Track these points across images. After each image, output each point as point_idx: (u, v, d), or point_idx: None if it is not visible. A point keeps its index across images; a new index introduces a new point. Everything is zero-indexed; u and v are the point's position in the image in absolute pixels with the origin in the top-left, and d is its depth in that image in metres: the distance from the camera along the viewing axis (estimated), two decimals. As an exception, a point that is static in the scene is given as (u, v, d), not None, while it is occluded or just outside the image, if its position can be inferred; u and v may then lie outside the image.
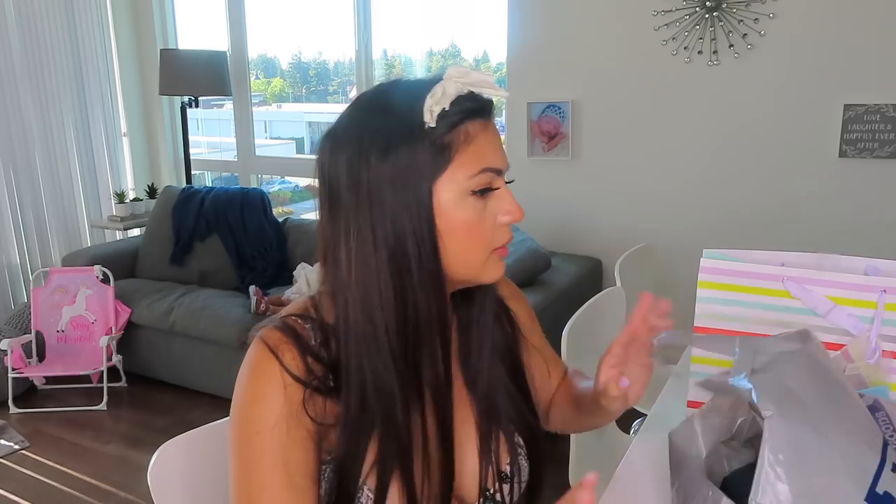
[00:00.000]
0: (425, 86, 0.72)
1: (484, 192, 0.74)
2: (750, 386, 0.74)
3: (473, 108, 0.73)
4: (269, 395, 0.73)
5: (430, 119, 0.70)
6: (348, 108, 0.77)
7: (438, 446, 0.77)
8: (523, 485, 0.86)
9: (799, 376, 0.75)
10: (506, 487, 0.84)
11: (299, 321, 0.77)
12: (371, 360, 0.74)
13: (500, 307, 0.90)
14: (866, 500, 0.67)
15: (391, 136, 0.72)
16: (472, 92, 0.73)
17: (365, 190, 0.72)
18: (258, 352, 0.75)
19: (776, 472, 0.68)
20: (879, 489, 0.67)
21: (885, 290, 0.92)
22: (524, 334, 0.94)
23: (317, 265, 0.80)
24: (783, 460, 0.68)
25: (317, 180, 0.77)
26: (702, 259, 1.02)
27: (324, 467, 0.76)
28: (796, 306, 0.97)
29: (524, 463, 0.85)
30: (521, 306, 0.97)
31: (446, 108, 0.71)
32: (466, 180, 0.72)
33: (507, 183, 0.78)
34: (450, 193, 0.72)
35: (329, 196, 0.75)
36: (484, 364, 0.85)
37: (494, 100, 0.76)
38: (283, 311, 0.80)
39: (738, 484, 0.79)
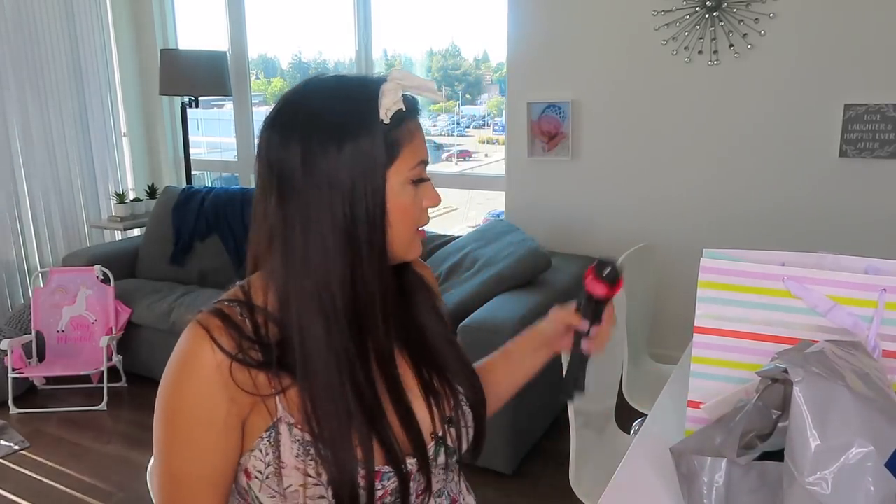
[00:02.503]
0: (373, 83, 0.80)
1: (418, 181, 0.84)
2: (781, 365, 0.78)
3: (412, 109, 0.83)
4: (197, 374, 0.78)
5: (385, 116, 0.79)
6: (291, 98, 0.82)
7: (394, 401, 0.85)
8: (470, 431, 0.92)
9: (826, 363, 0.78)
10: (453, 431, 0.90)
11: (230, 305, 0.82)
12: (326, 331, 0.79)
13: (414, 273, 0.98)
14: (887, 465, 0.70)
15: (349, 127, 0.78)
16: (409, 94, 0.82)
17: (323, 176, 0.78)
18: (191, 333, 0.79)
19: (806, 430, 0.72)
20: None
21: (885, 290, 0.92)
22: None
23: None
24: (811, 418, 0.72)
25: (258, 168, 0.82)
26: (702, 259, 1.02)
27: (268, 433, 0.79)
28: (797, 306, 0.97)
29: (466, 409, 0.92)
30: (430, 275, 1.05)
31: (402, 109, 0.80)
32: (409, 170, 0.82)
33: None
34: (396, 182, 0.81)
35: (279, 183, 0.79)
36: (417, 321, 0.94)
37: (430, 99, 0.86)
38: (218, 298, 0.85)
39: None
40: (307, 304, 0.79)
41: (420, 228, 0.87)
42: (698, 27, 2.74)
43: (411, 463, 0.84)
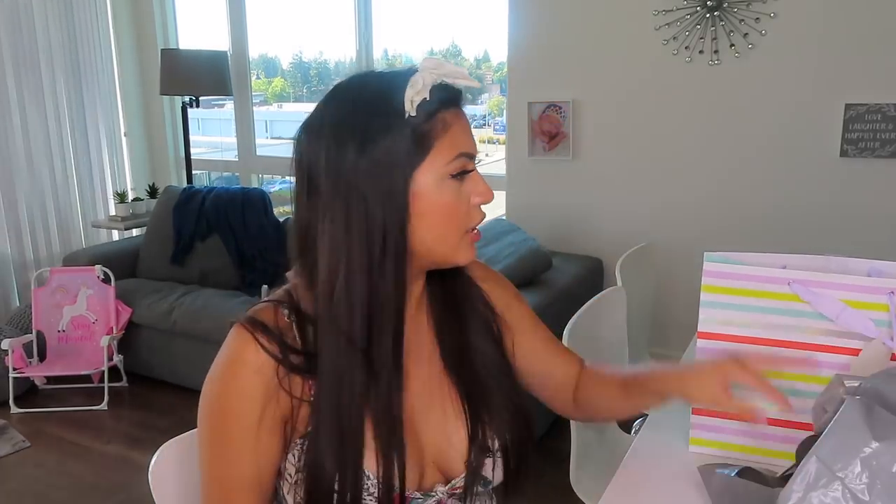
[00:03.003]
0: (402, 76, 0.76)
1: (460, 175, 0.78)
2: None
3: (448, 98, 0.78)
4: (242, 374, 0.77)
5: (410, 109, 0.74)
6: (325, 98, 0.81)
7: (385, 420, 0.79)
8: (510, 462, 0.88)
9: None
10: (489, 462, 0.86)
11: (277, 307, 0.82)
12: (337, 340, 0.77)
13: (474, 287, 0.94)
14: None
15: (370, 127, 0.75)
16: (444, 82, 0.77)
17: (343, 179, 0.75)
18: (235, 335, 0.79)
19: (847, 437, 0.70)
20: None
21: (892, 292, 0.92)
22: (509, 314, 0.97)
23: None
24: (853, 429, 0.70)
25: (293, 169, 0.81)
26: (704, 263, 1.01)
27: (300, 440, 0.79)
28: (805, 310, 0.97)
29: (509, 438, 0.87)
30: (500, 288, 0.99)
31: (427, 98, 0.75)
32: (445, 165, 0.77)
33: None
34: (431, 178, 0.76)
35: (308, 184, 0.79)
36: (469, 346, 0.89)
37: (464, 89, 0.80)
38: (264, 298, 0.85)
39: None
40: (323, 307, 0.78)
41: (470, 230, 0.81)
42: (699, 27, 2.74)
43: (441, 491, 0.83)
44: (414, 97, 0.74)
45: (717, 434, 1.05)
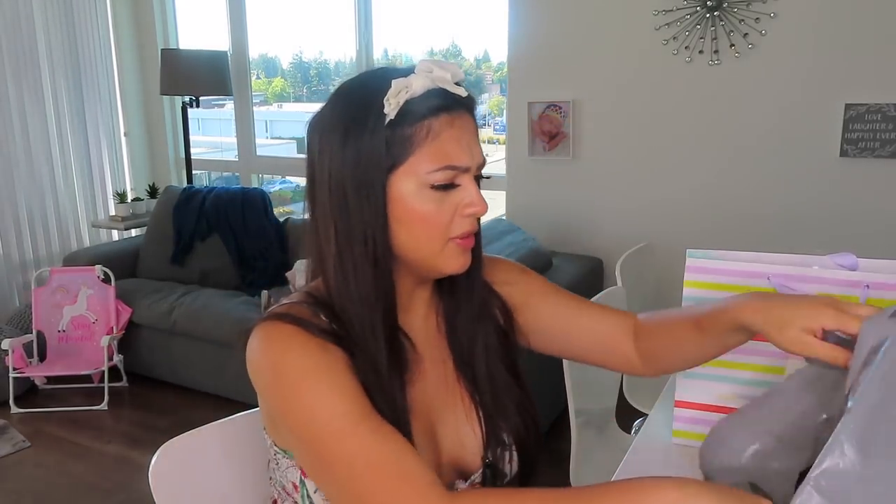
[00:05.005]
0: (392, 75, 0.74)
1: (445, 187, 0.75)
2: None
3: (440, 105, 0.74)
4: (297, 343, 0.72)
5: (389, 111, 0.72)
6: (332, 94, 0.81)
7: (390, 414, 0.76)
8: (523, 455, 0.90)
9: None
10: (504, 456, 0.87)
11: (300, 305, 0.79)
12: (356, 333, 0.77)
13: (490, 293, 0.93)
14: None
15: (351, 123, 0.74)
16: (440, 87, 0.74)
17: (326, 173, 0.76)
18: (269, 327, 0.75)
19: (849, 443, 0.65)
20: None
21: (867, 286, 0.93)
22: (538, 304, 0.96)
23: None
24: (858, 434, 0.65)
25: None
26: (687, 259, 1.02)
27: None
28: None
29: (520, 432, 0.89)
30: (526, 281, 0.98)
31: (410, 101, 0.72)
32: (426, 175, 0.74)
33: (484, 178, 0.81)
34: (409, 185, 0.74)
35: (308, 175, 0.80)
36: (478, 348, 0.88)
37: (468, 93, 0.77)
38: (286, 300, 0.82)
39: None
40: (346, 295, 0.77)
41: (454, 237, 0.78)
42: (699, 27, 2.74)
43: (461, 487, 0.83)
44: (391, 99, 0.72)
45: (702, 427, 1.04)
